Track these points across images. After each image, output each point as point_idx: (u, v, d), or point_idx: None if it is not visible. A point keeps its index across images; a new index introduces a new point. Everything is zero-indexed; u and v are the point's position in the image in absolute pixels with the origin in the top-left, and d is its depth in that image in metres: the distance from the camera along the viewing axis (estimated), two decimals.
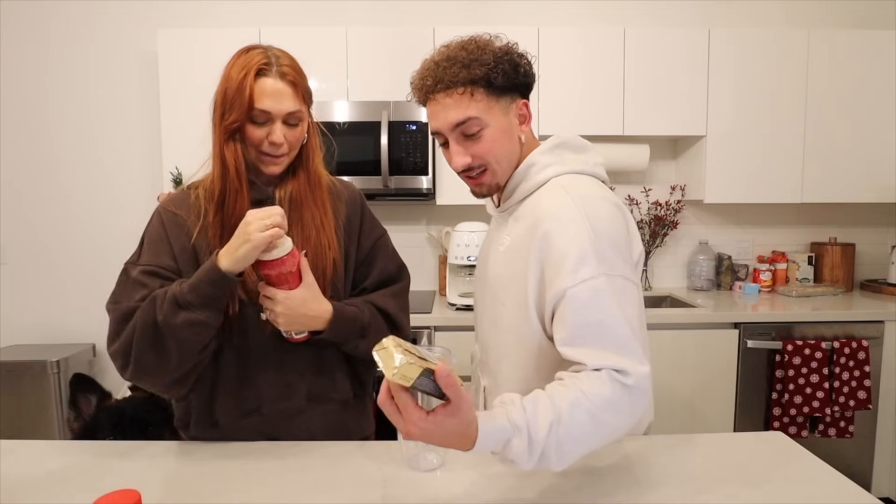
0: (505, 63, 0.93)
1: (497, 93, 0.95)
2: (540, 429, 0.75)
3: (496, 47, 0.95)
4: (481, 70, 0.92)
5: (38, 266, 2.75)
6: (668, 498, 0.85)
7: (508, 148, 0.99)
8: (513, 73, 0.95)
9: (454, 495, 0.86)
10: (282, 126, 1.01)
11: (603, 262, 0.86)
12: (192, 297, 0.92)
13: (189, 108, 2.41)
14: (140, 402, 1.33)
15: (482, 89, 0.93)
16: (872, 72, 2.52)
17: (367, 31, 2.43)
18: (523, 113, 1.01)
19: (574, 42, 2.46)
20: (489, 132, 0.95)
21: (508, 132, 0.98)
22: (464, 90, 0.92)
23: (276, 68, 0.99)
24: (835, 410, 2.24)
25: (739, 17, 2.80)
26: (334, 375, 1.11)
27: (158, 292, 0.96)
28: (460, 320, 2.25)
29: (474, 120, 0.94)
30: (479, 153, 0.96)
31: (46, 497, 0.86)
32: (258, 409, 1.06)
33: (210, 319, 0.94)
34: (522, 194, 1.01)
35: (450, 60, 0.93)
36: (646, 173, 2.85)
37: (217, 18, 2.68)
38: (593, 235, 0.87)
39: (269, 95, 0.98)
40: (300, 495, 0.86)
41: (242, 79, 0.97)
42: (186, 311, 0.92)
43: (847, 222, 2.92)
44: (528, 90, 1.01)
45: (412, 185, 2.39)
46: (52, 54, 2.67)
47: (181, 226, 1.05)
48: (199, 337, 0.96)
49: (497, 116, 0.96)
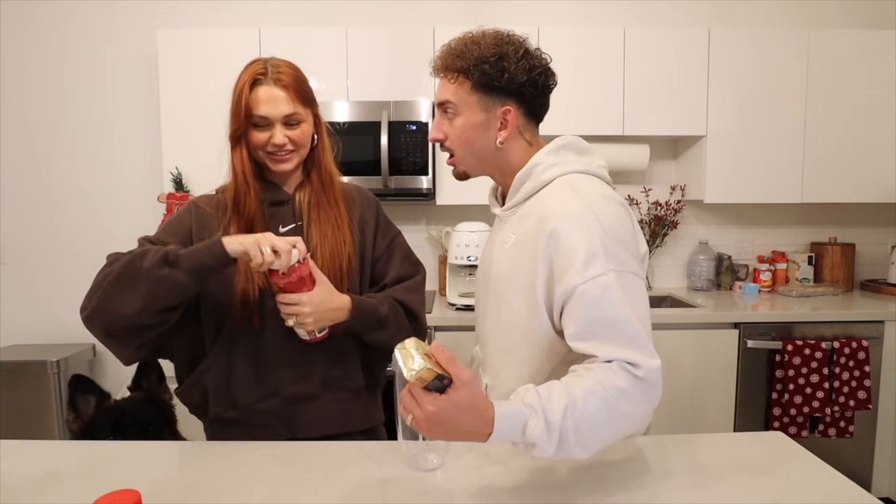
0: (487, 64, 0.97)
1: (480, 89, 0.99)
2: (555, 411, 0.77)
3: (490, 47, 0.98)
4: (464, 63, 0.98)
5: (38, 266, 2.75)
6: (668, 498, 0.85)
7: (477, 144, 1.03)
8: (495, 74, 0.97)
9: (454, 495, 0.86)
10: (282, 128, 1.08)
11: (612, 258, 0.88)
12: (185, 258, 0.97)
13: (189, 108, 2.41)
14: (140, 402, 1.32)
15: (466, 81, 0.99)
16: (872, 72, 2.52)
17: (366, 32, 2.43)
18: (504, 119, 1.01)
19: (574, 42, 2.46)
20: (460, 120, 1.02)
21: (482, 129, 1.01)
22: (453, 77, 1.01)
23: (270, 76, 1.07)
24: (835, 410, 2.24)
25: (739, 17, 2.80)
26: (349, 365, 1.17)
27: (151, 247, 1.01)
28: (460, 320, 2.25)
29: (450, 104, 1.02)
30: (449, 134, 1.04)
31: (46, 497, 0.86)
32: (276, 393, 1.12)
33: (187, 284, 0.98)
34: (527, 193, 1.02)
35: (456, 48, 1.01)
36: (646, 173, 2.85)
37: (217, 18, 2.68)
38: (602, 233, 0.89)
39: (265, 102, 1.06)
40: (300, 495, 0.86)
41: (241, 90, 1.06)
42: (170, 269, 0.96)
43: (847, 222, 2.92)
44: (522, 96, 1.00)
45: (412, 185, 2.39)
46: (52, 54, 2.67)
47: (208, 222, 1.13)
48: (170, 296, 0.98)
49: (473, 110, 1.01)
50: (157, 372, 1.42)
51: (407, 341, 0.74)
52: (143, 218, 2.70)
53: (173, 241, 1.08)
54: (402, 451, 0.95)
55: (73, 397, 1.28)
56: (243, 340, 1.11)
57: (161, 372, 1.43)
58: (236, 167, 1.10)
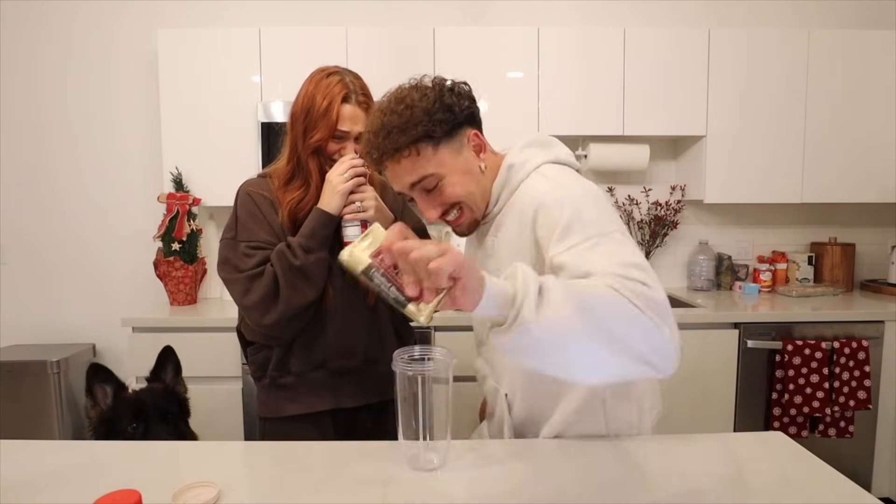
0: (438, 112, 0.94)
1: (442, 140, 0.96)
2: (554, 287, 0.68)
3: (424, 97, 0.94)
4: (419, 130, 0.93)
5: (38, 266, 2.75)
6: (668, 498, 0.85)
7: (474, 184, 1.01)
8: (450, 116, 0.95)
9: (454, 495, 0.86)
10: (353, 143, 1.21)
11: (591, 225, 0.85)
12: (313, 242, 1.17)
13: (189, 108, 2.41)
14: (159, 392, 1.40)
15: (426, 145, 0.94)
16: (872, 72, 2.52)
17: (367, 31, 2.43)
18: (476, 143, 1.02)
19: (574, 42, 2.46)
20: (448, 181, 0.97)
21: (467, 170, 1.00)
22: (409, 152, 0.94)
23: (354, 97, 1.20)
24: (835, 410, 2.24)
25: (739, 17, 2.80)
26: (385, 343, 1.31)
27: (280, 247, 1.18)
28: (460, 320, 2.25)
29: (429, 177, 0.96)
30: (446, 201, 1.00)
31: (46, 497, 0.86)
32: (324, 364, 1.27)
33: (327, 256, 1.19)
34: (505, 199, 1.03)
35: (385, 129, 0.94)
36: (646, 173, 2.85)
37: (217, 18, 2.68)
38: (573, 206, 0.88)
39: (349, 119, 1.19)
40: (300, 495, 0.86)
41: (329, 105, 1.18)
42: (312, 253, 1.17)
43: (847, 222, 2.92)
44: (474, 118, 1.01)
45: None
46: (53, 54, 2.67)
47: (272, 205, 1.24)
48: (323, 270, 1.20)
49: (450, 163, 0.97)
50: (175, 364, 1.46)
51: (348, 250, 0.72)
52: (143, 218, 2.70)
53: (262, 234, 1.22)
54: (402, 451, 0.95)
55: (91, 386, 1.34)
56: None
57: (179, 365, 1.47)
58: (313, 174, 1.22)
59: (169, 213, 2.41)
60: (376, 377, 1.30)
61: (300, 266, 1.16)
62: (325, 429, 1.27)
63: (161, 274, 2.46)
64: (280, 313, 1.17)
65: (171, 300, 2.49)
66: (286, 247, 1.18)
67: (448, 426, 0.93)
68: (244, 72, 2.40)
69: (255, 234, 1.22)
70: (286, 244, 1.18)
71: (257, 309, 1.18)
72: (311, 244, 1.17)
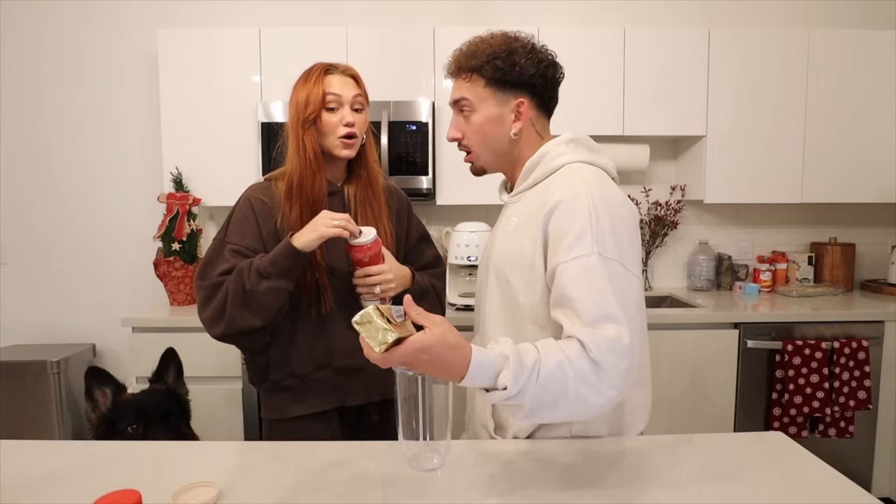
0: (499, 60, 1.03)
1: (493, 84, 1.05)
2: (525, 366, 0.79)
3: (501, 44, 1.04)
4: (477, 62, 1.04)
5: (38, 266, 2.75)
6: (668, 498, 0.85)
7: (493, 137, 1.08)
8: (507, 68, 1.03)
9: (454, 495, 0.86)
10: (350, 111, 1.21)
11: (599, 242, 0.90)
12: (272, 269, 1.13)
13: (189, 108, 2.41)
14: (161, 393, 1.41)
15: (480, 78, 1.05)
16: (872, 72, 2.52)
17: (367, 32, 2.43)
18: (518, 112, 1.06)
19: (574, 42, 2.46)
20: (476, 116, 1.07)
21: (497, 122, 1.07)
22: (467, 76, 1.07)
23: (340, 69, 1.23)
24: (835, 410, 2.24)
25: (739, 17, 2.80)
26: None
27: (243, 264, 1.16)
28: (460, 320, 2.25)
29: (466, 101, 1.07)
30: (465, 132, 1.10)
31: (46, 497, 0.86)
32: (328, 364, 1.27)
33: (284, 286, 1.15)
34: (535, 180, 1.07)
35: (467, 49, 1.07)
36: (646, 173, 2.85)
37: (217, 18, 2.68)
38: (595, 217, 0.92)
39: (337, 84, 1.21)
40: (300, 495, 0.86)
41: (315, 78, 1.20)
42: (268, 280, 1.13)
43: (847, 222, 2.92)
44: (534, 89, 1.06)
45: (412, 185, 2.39)
46: (53, 54, 2.67)
47: (269, 212, 1.24)
48: (277, 299, 1.16)
49: (488, 105, 1.06)
50: (177, 366, 1.46)
51: (362, 314, 0.76)
52: (143, 218, 2.70)
53: (248, 240, 1.22)
54: (402, 451, 0.95)
55: (90, 388, 1.33)
56: (305, 321, 1.26)
57: (181, 367, 1.47)
58: (308, 148, 1.20)
59: (169, 213, 2.41)
60: (381, 375, 1.29)
61: (249, 290, 1.13)
62: (332, 425, 1.28)
63: (161, 274, 2.46)
64: (223, 330, 1.17)
65: (171, 300, 2.49)
66: (248, 265, 1.16)
67: (448, 426, 0.93)
68: (244, 72, 2.40)
69: (241, 239, 1.22)
70: (249, 262, 1.16)
71: (208, 321, 1.19)
72: (269, 271, 1.13)
